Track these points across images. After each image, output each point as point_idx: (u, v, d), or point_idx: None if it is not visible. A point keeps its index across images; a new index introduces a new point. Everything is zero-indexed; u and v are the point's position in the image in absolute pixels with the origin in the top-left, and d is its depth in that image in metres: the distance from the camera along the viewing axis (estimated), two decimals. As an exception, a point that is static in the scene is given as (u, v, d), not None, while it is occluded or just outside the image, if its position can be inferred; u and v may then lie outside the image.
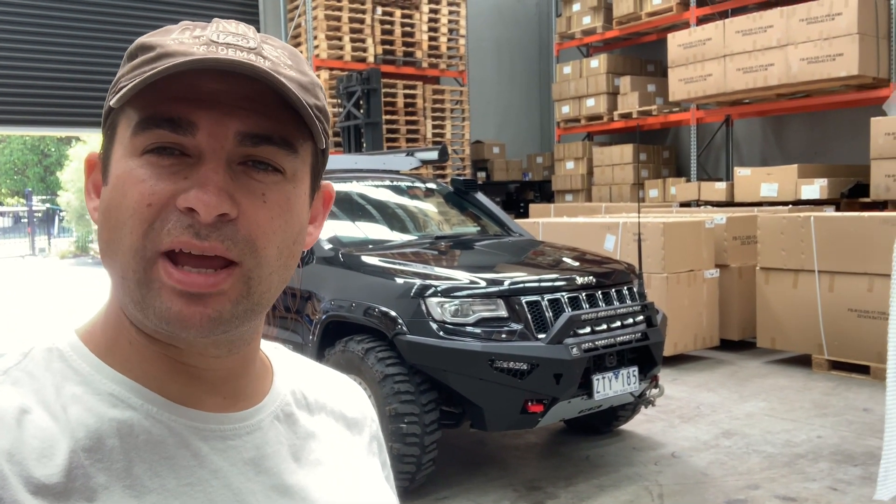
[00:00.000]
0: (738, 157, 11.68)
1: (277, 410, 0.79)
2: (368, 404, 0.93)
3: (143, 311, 0.67)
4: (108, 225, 0.68)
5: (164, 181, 0.66)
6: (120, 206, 0.67)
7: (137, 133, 0.67)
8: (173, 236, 0.65)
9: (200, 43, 0.68)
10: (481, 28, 13.59)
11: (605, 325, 4.08)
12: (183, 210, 0.65)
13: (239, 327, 0.70)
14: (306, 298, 4.45)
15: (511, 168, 13.29)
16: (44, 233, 28.38)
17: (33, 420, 0.64)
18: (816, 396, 5.72)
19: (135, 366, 0.71)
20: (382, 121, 9.69)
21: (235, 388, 0.76)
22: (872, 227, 6.05)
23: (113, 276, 0.69)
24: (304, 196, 0.73)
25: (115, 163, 0.69)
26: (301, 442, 0.79)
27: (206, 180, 0.65)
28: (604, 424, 4.90)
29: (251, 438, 0.74)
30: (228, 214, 0.66)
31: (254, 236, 0.67)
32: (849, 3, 8.34)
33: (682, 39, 10.17)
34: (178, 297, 0.66)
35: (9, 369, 0.68)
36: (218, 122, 0.67)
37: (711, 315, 7.10)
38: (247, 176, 0.68)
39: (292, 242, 0.72)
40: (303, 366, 0.89)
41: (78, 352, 0.71)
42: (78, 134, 22.91)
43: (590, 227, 7.32)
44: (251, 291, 0.68)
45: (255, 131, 0.68)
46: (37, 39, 9.86)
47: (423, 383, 3.86)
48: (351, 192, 5.26)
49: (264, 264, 0.68)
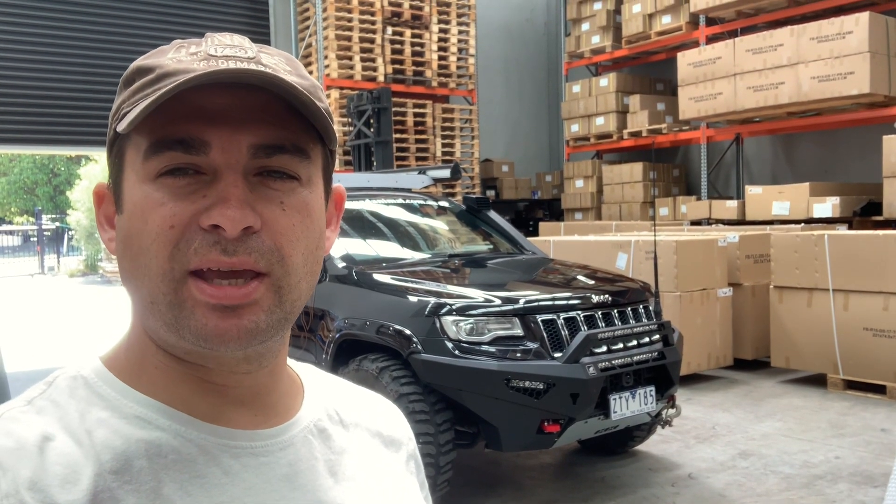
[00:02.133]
0: (749, 175, 11.66)
1: (311, 426, 0.78)
2: (405, 423, 0.91)
3: (178, 332, 0.66)
4: (129, 253, 0.68)
5: (184, 202, 0.66)
6: (141, 232, 0.66)
7: (149, 157, 0.66)
8: (201, 255, 0.65)
9: (199, 59, 0.67)
10: (491, 47, 13.64)
11: (621, 343, 4.05)
12: (207, 228, 0.65)
13: (273, 337, 0.70)
14: (319, 317, 4.43)
15: (520, 186, 13.29)
16: (53, 251, 28.48)
17: (56, 447, 0.64)
18: (833, 416, 5.66)
19: (162, 389, 0.71)
20: (392, 139, 9.70)
21: (265, 403, 0.75)
22: (887, 246, 6.01)
23: (139, 302, 0.69)
24: (320, 200, 0.73)
25: (128, 190, 0.68)
26: (336, 457, 0.78)
27: (227, 195, 0.65)
28: (619, 445, 4.84)
29: (284, 455, 0.73)
30: (252, 227, 0.66)
31: (279, 245, 0.67)
32: (859, 22, 8.34)
33: (692, 58, 10.18)
34: (212, 313, 0.65)
35: (33, 399, 0.69)
36: (230, 138, 0.66)
37: (725, 334, 7.05)
38: (264, 186, 0.68)
39: (315, 247, 0.72)
40: (336, 384, 0.88)
41: (102, 377, 0.71)
42: (88, 153, 23.06)
43: (601, 246, 7.29)
44: (283, 300, 0.68)
45: (267, 142, 0.67)
46: (46, 59, 9.94)
47: (438, 403, 3.82)
48: (363, 210, 5.26)
49: (292, 272, 0.68)
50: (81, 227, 25.41)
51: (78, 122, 10.16)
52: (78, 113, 10.13)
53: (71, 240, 30.11)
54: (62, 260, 28.08)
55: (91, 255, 25.76)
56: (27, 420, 0.66)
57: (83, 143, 10.56)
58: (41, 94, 9.95)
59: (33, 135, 10.04)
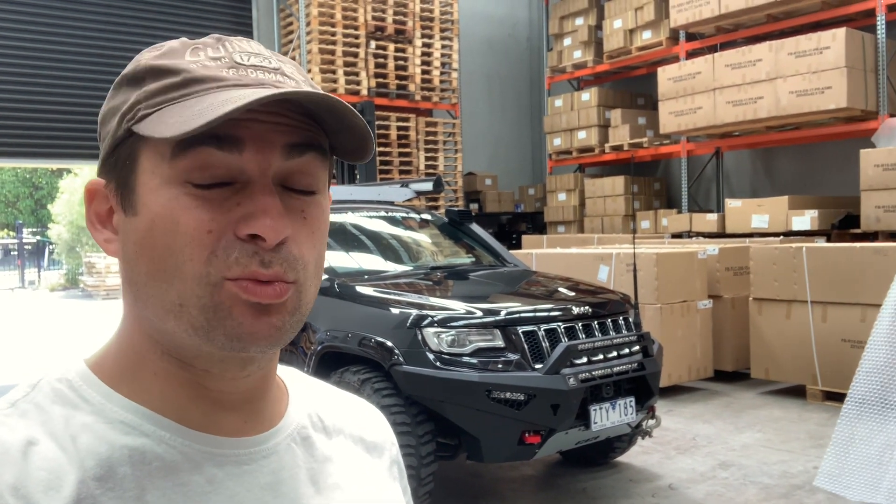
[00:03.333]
0: (729, 188, 11.77)
1: (294, 433, 0.77)
2: (388, 428, 0.91)
3: (209, 335, 0.66)
4: (150, 255, 0.66)
5: (218, 208, 0.65)
6: (172, 233, 0.65)
7: (178, 155, 0.65)
8: (242, 266, 0.65)
9: (224, 65, 0.67)
10: (474, 62, 13.72)
11: (601, 355, 4.08)
12: (244, 238, 0.65)
13: (292, 338, 0.71)
14: (301, 329, 4.42)
15: (503, 200, 13.34)
16: (34, 265, 28.25)
17: (40, 452, 0.63)
18: (812, 427, 5.71)
19: (155, 395, 0.70)
20: (376, 152, 9.73)
21: (255, 409, 0.75)
22: (864, 258, 6.09)
23: (158, 305, 0.67)
24: (328, 206, 0.75)
25: (147, 193, 0.66)
26: (319, 465, 0.78)
27: (268, 205, 0.65)
28: (600, 456, 4.87)
29: (267, 463, 0.73)
30: (287, 237, 0.67)
31: (301, 253, 0.68)
32: (836, 37, 8.48)
33: (672, 73, 10.29)
34: (248, 311, 0.66)
35: (17, 402, 0.67)
36: (263, 137, 0.66)
37: (705, 346, 7.10)
38: (287, 196, 0.68)
39: (323, 252, 0.73)
40: (319, 389, 0.88)
41: (88, 381, 0.70)
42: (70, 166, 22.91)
43: (583, 258, 7.34)
44: (301, 303, 0.69)
45: (299, 140, 0.68)
46: (28, 71, 9.89)
47: (420, 414, 3.83)
48: (346, 223, 5.27)
49: (308, 278, 0.70)
50: (63, 240, 25.24)
51: (60, 134, 10.11)
52: (60, 126, 10.08)
53: (52, 253, 29.89)
54: (43, 274, 27.85)
55: (72, 269, 25.57)
56: (11, 424, 0.65)
57: (66, 157, 10.49)
58: (23, 107, 9.90)
59: (15, 147, 9.97)
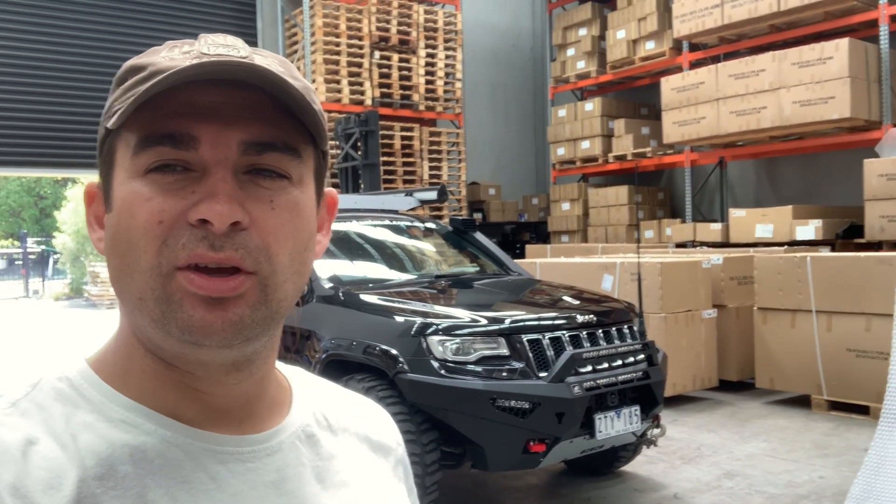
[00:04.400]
0: (733, 198, 11.77)
1: (298, 431, 0.77)
2: (395, 428, 0.91)
3: (165, 328, 0.65)
4: (118, 250, 0.67)
5: (172, 197, 0.65)
6: (129, 227, 0.66)
7: (138, 153, 0.66)
8: (189, 250, 0.64)
9: (191, 57, 0.67)
10: (477, 72, 13.77)
11: (606, 363, 4.07)
12: (195, 223, 0.64)
13: (259, 336, 0.68)
14: (306, 337, 4.43)
15: (507, 209, 13.36)
16: (38, 275, 28.30)
17: (40, 451, 0.63)
18: (817, 437, 5.69)
19: (148, 393, 0.70)
20: (380, 162, 9.76)
21: (252, 411, 0.74)
22: (868, 268, 6.08)
23: (127, 300, 0.67)
24: (311, 201, 0.73)
25: (117, 187, 0.68)
26: (324, 463, 0.77)
27: (216, 190, 0.65)
28: (605, 465, 4.85)
29: (271, 460, 0.73)
30: (241, 223, 0.65)
31: (266, 243, 0.66)
32: (839, 47, 8.49)
33: (676, 83, 10.31)
34: (200, 304, 0.65)
35: (17, 401, 0.67)
36: (220, 133, 0.66)
37: (710, 355, 7.09)
38: (253, 184, 0.67)
39: (303, 248, 0.71)
40: (325, 388, 0.87)
41: (88, 380, 0.70)
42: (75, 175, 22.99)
43: (587, 267, 7.33)
44: (268, 298, 0.67)
45: (258, 139, 0.67)
46: (33, 81, 9.95)
47: (424, 423, 3.83)
48: (350, 232, 5.28)
49: (279, 271, 0.67)
50: (67, 249, 25.30)
51: (65, 144, 10.16)
52: (65, 135, 10.13)
53: (56, 263, 29.95)
54: (47, 283, 27.90)
55: (76, 279, 25.61)
56: (11, 423, 0.64)
57: (70, 166, 10.55)
58: (28, 117, 9.95)
59: (20, 157, 10.02)
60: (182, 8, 11.00)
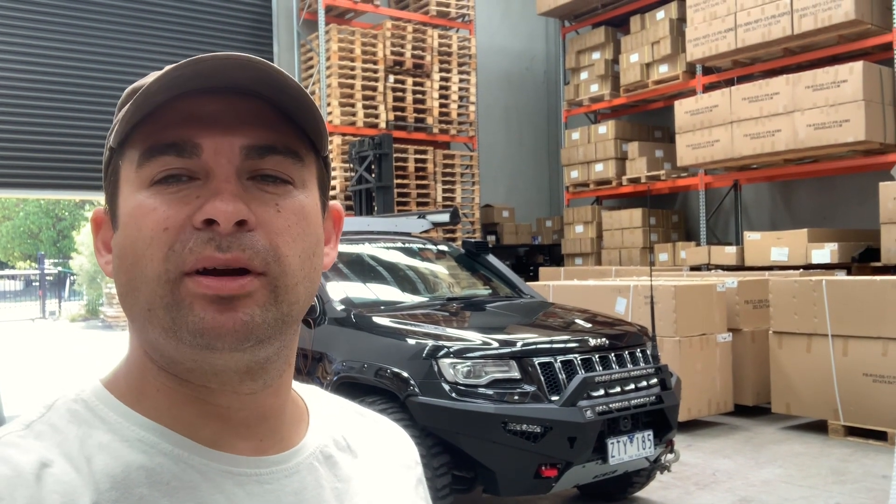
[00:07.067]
0: (748, 221, 11.72)
1: (316, 453, 0.76)
2: (413, 447, 0.90)
3: (176, 334, 0.65)
4: (125, 264, 0.67)
5: (177, 205, 0.65)
6: (136, 239, 0.66)
7: (142, 164, 0.67)
8: (196, 254, 0.64)
9: None
10: (491, 95, 13.84)
11: (618, 387, 4.05)
12: (200, 226, 0.64)
13: (271, 339, 0.68)
14: (318, 359, 4.43)
15: (520, 232, 13.36)
16: (55, 296, 28.50)
17: (54, 473, 0.62)
18: (834, 463, 5.61)
19: (164, 412, 0.69)
20: (394, 185, 9.81)
21: (270, 429, 0.74)
22: (885, 291, 6.03)
23: (137, 315, 0.67)
24: (316, 206, 0.73)
25: (122, 203, 0.68)
26: (343, 485, 0.76)
27: (220, 189, 0.65)
28: (618, 491, 4.80)
29: (289, 482, 0.72)
30: (247, 222, 0.65)
31: (274, 244, 0.66)
32: (854, 71, 8.48)
33: (689, 106, 10.32)
34: (210, 305, 0.64)
35: (32, 423, 0.67)
36: (221, 139, 0.66)
37: (725, 379, 7.02)
38: (258, 189, 0.67)
39: (312, 252, 0.70)
40: (342, 407, 0.87)
41: (104, 400, 0.70)
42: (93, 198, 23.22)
43: (601, 290, 7.31)
44: (278, 299, 0.67)
45: (259, 143, 0.67)
46: (53, 104, 10.09)
47: (435, 446, 3.81)
48: (363, 254, 5.30)
49: (289, 272, 0.67)
50: (84, 271, 25.48)
51: (83, 166, 10.27)
52: (83, 158, 10.25)
53: (73, 284, 30.16)
54: (64, 304, 28.08)
55: (92, 300, 25.76)
56: (25, 445, 0.64)
57: (88, 188, 10.65)
58: (47, 139, 10.08)
59: (39, 179, 10.14)
60: (198, 32, 11.13)
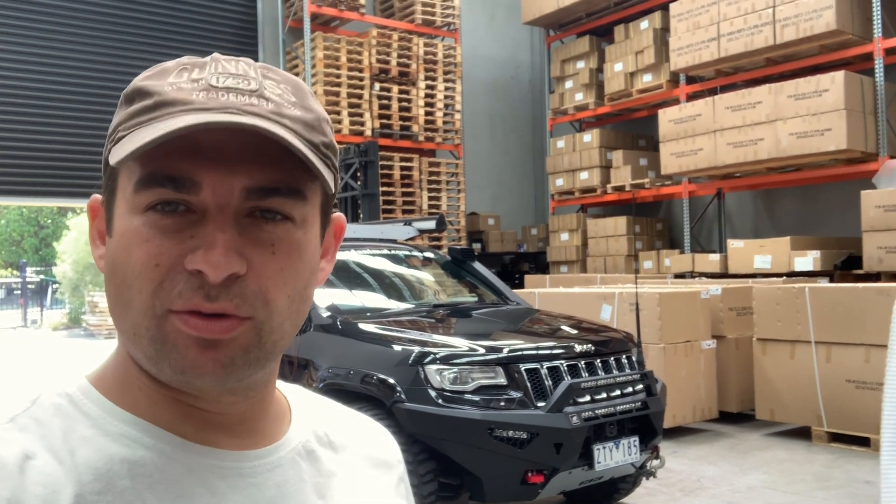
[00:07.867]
0: (731, 229, 11.80)
1: (299, 447, 0.77)
2: (396, 446, 0.90)
3: (158, 365, 0.66)
4: (114, 281, 0.67)
5: (170, 240, 0.65)
6: (126, 264, 0.66)
7: (139, 190, 0.65)
8: (185, 299, 0.64)
9: (199, 88, 0.66)
10: (477, 103, 13.88)
11: (604, 393, 4.06)
12: (191, 272, 0.64)
13: (252, 375, 0.69)
14: (303, 366, 4.42)
15: (506, 239, 13.38)
16: (37, 304, 28.24)
17: (36, 466, 0.62)
18: (818, 469, 5.65)
19: (146, 408, 0.70)
20: (379, 192, 9.80)
21: (252, 428, 0.74)
22: (867, 298, 6.08)
23: (123, 329, 0.68)
24: (314, 239, 0.72)
25: (118, 217, 0.68)
26: (325, 479, 0.77)
27: (214, 240, 0.64)
28: (604, 497, 4.80)
29: (272, 476, 0.72)
30: (237, 273, 0.64)
31: (264, 289, 0.66)
32: (835, 80, 8.57)
33: (673, 115, 10.39)
34: (193, 345, 0.65)
35: (16, 416, 0.67)
36: (222, 179, 0.65)
37: (709, 386, 7.06)
38: (255, 228, 0.66)
39: (304, 288, 0.70)
40: (326, 405, 0.87)
41: (88, 395, 0.70)
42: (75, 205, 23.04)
43: (586, 297, 7.33)
44: (262, 341, 0.67)
45: (262, 185, 0.66)
46: (34, 111, 10.01)
47: (422, 453, 3.80)
48: (349, 261, 5.29)
49: (275, 315, 0.67)
50: (67, 279, 25.25)
51: (66, 173, 10.20)
52: (66, 165, 10.18)
53: (55, 293, 29.89)
54: (45, 313, 27.82)
55: (75, 309, 25.53)
56: (8, 438, 0.64)
57: (71, 196, 10.56)
58: (29, 146, 10.00)
59: (20, 186, 10.06)
60: (184, 39, 11.11)
